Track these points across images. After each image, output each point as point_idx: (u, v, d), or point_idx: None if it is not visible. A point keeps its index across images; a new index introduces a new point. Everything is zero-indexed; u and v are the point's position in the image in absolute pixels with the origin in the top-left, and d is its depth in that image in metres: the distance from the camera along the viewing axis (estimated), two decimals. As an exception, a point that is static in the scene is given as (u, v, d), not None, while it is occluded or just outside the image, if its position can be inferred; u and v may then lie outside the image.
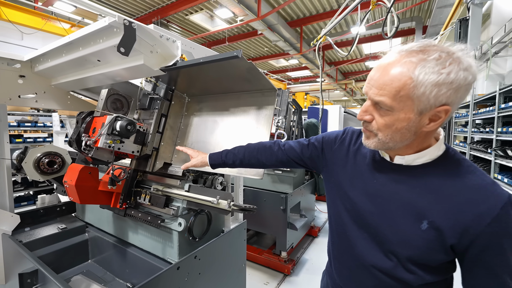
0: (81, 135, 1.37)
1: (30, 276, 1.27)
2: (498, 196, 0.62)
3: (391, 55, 0.65)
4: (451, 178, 0.67)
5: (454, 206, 0.64)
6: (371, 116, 0.69)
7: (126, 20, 1.02)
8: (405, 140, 0.67)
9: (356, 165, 0.83)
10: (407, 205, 0.70)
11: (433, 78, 0.58)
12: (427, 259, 0.69)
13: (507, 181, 2.52)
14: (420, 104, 0.61)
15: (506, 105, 2.60)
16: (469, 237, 0.63)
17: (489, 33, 4.43)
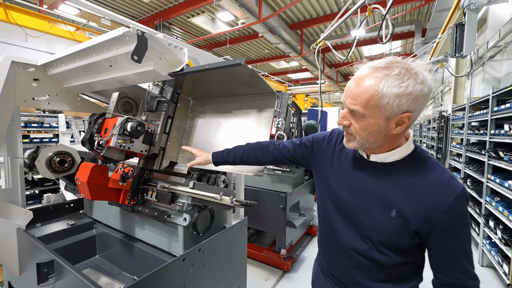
0: (94, 135, 1.46)
1: (46, 266, 1.36)
2: (454, 189, 0.74)
3: (363, 69, 0.77)
4: (416, 173, 0.79)
5: (418, 197, 0.76)
6: (349, 121, 0.81)
7: (139, 30, 1.12)
8: (378, 141, 0.79)
9: (340, 162, 0.95)
10: (379, 196, 0.82)
11: (394, 91, 0.70)
12: (396, 243, 0.81)
13: (499, 181, 2.61)
14: (386, 112, 0.73)
15: (499, 108, 2.69)
16: (429, 223, 0.75)
17: (485, 37, 4.52)
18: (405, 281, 0.87)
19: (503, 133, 2.58)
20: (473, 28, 3.67)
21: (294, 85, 16.77)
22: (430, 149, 7.48)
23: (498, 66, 4.24)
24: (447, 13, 5.61)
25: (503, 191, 2.49)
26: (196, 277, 1.53)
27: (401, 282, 0.86)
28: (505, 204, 2.54)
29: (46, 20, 5.10)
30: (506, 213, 2.40)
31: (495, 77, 4.27)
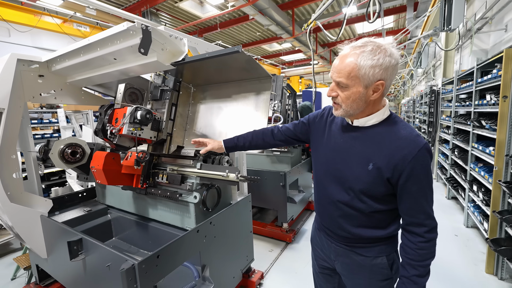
0: (106, 125, 1.58)
1: (76, 244, 1.53)
2: (418, 143, 0.91)
3: (346, 49, 0.94)
4: (389, 133, 0.96)
5: (389, 151, 0.93)
6: (336, 93, 0.97)
7: (143, 24, 1.21)
8: (360, 107, 0.96)
9: (330, 131, 1.12)
10: (359, 154, 0.99)
11: (369, 63, 0.87)
12: (373, 191, 0.98)
13: (481, 149, 2.80)
14: (364, 81, 0.90)
15: (482, 80, 2.82)
16: (398, 172, 0.92)
17: (473, 10, 4.57)
18: (384, 228, 1.03)
19: (485, 103, 2.74)
20: (461, 0, 3.72)
21: (288, 67, 16.61)
22: (423, 124, 7.68)
23: (486, 37, 4.32)
24: (437, -15, 5.58)
25: (485, 157, 2.69)
26: (209, 246, 1.72)
27: (380, 229, 1.03)
28: (486, 169, 2.75)
29: (31, 13, 4.98)
30: (486, 176, 2.61)
31: (483, 49, 4.37)
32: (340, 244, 1.13)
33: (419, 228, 0.96)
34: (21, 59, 1.76)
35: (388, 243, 1.07)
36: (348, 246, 1.11)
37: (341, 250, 1.13)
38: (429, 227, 0.95)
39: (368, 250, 1.07)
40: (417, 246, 0.95)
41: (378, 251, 1.06)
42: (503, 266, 2.28)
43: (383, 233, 1.04)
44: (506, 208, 2.24)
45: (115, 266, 1.37)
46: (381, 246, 1.06)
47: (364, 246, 1.08)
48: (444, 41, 5.49)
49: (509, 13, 3.51)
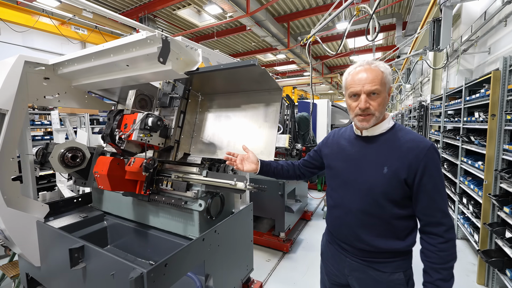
0: (114, 130, 1.58)
1: (77, 251, 1.49)
2: (426, 143, 1.00)
3: (363, 65, 1.04)
4: (397, 138, 1.05)
5: (401, 153, 1.01)
6: (369, 103, 1.02)
7: (164, 35, 1.24)
8: (384, 112, 1.06)
9: (340, 146, 1.20)
10: (373, 160, 1.06)
11: (388, 71, 1.03)
12: (391, 193, 1.01)
13: (470, 163, 2.94)
14: (387, 86, 1.03)
15: (470, 98, 3.00)
16: (413, 171, 0.98)
17: (459, 32, 4.88)
18: (403, 239, 1.05)
19: (474, 120, 2.91)
20: (449, 24, 3.97)
21: (281, 77, 16.93)
22: (411, 137, 7.94)
23: (471, 58, 4.61)
24: (425, 7, 5.93)
25: (474, 171, 2.83)
26: (213, 255, 1.71)
27: (399, 240, 1.05)
28: (475, 182, 2.88)
29: (28, 14, 4.91)
30: (476, 189, 2.74)
31: (468, 68, 4.65)
32: (355, 259, 1.13)
33: (437, 227, 0.98)
34: (28, 61, 1.74)
35: (405, 259, 1.08)
36: (365, 261, 1.11)
37: (356, 265, 1.13)
38: (447, 226, 0.97)
39: (385, 266, 1.07)
40: (437, 248, 0.97)
41: (395, 266, 1.07)
42: (494, 277, 2.37)
43: (402, 245, 1.05)
44: (496, 220, 2.35)
45: (120, 275, 1.35)
46: (399, 261, 1.07)
47: (382, 262, 1.08)
48: (433, 60, 5.80)
49: (492, 37, 3.78)
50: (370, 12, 2.33)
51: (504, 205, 2.17)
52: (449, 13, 3.93)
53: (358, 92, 1.02)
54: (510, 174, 2.09)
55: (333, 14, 3.11)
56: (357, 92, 1.02)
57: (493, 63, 3.78)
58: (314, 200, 4.85)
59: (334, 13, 3.10)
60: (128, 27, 7.95)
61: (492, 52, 3.80)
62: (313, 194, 5.13)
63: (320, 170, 1.40)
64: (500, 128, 2.30)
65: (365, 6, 2.52)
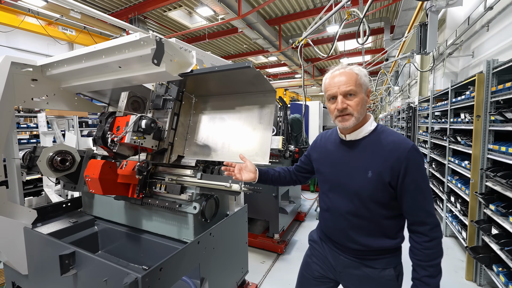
0: (106, 133, 1.55)
1: (68, 258, 1.44)
2: (407, 145, 1.03)
3: (340, 69, 1.09)
4: (380, 141, 1.08)
5: (384, 156, 1.04)
6: (346, 104, 1.06)
7: (158, 36, 1.23)
8: (363, 113, 1.09)
9: (327, 150, 1.24)
10: (358, 164, 1.09)
11: (363, 73, 1.07)
12: (377, 196, 1.05)
13: (457, 162, 3.04)
14: (364, 87, 1.07)
15: (456, 99, 3.11)
16: (395, 173, 1.01)
17: (444, 36, 5.05)
18: (393, 238, 1.10)
19: (460, 121, 3.01)
20: (435, 28, 4.11)
21: (273, 79, 17.03)
22: (400, 138, 8.13)
23: (456, 61, 4.78)
24: (412, 12, 6.12)
25: (461, 170, 2.92)
26: (208, 258, 1.69)
27: (389, 238, 1.10)
28: (462, 181, 2.98)
29: (13, 13, 4.76)
30: (463, 188, 2.83)
31: (453, 71, 4.81)
32: (349, 256, 1.17)
33: (422, 227, 1.02)
34: (15, 62, 1.69)
35: (395, 255, 1.13)
36: (358, 258, 1.15)
37: (349, 262, 1.17)
38: (431, 225, 1.01)
39: (377, 262, 1.12)
40: (423, 246, 1.02)
41: (386, 262, 1.12)
42: (481, 273, 2.44)
43: (391, 243, 1.10)
44: (483, 217, 2.43)
45: (114, 281, 1.31)
46: (389, 258, 1.12)
47: (373, 259, 1.13)
48: (420, 62, 5.97)
49: (475, 41, 3.94)
50: (360, 16, 2.38)
51: (490, 203, 2.25)
52: (434, 18, 4.07)
53: (335, 94, 1.06)
54: (495, 172, 2.17)
55: (324, 17, 3.17)
56: (334, 94, 1.06)
57: (477, 66, 3.92)
58: (307, 201, 4.89)
59: (325, 17, 3.16)
60: (117, 28, 7.83)
61: (476, 56, 3.95)
62: (306, 195, 5.17)
63: (312, 174, 1.44)
64: (485, 129, 2.38)
65: (355, 9, 2.58)
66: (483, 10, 3.25)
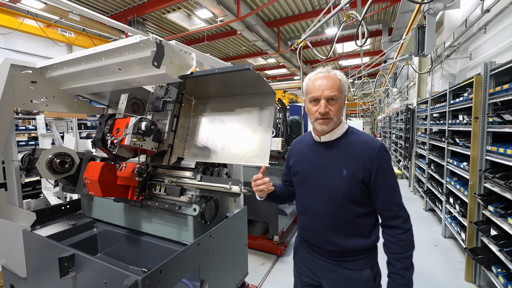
0: (106, 135, 1.55)
1: (67, 260, 1.44)
2: (376, 144, 1.09)
3: (323, 73, 1.11)
4: (352, 141, 1.13)
5: (357, 155, 1.09)
6: (328, 108, 1.08)
7: (158, 39, 1.24)
8: (340, 117, 1.13)
9: (302, 153, 1.26)
10: (333, 164, 1.13)
11: (344, 80, 1.11)
12: (352, 194, 1.09)
13: (456, 164, 3.05)
14: (344, 93, 1.11)
15: (454, 101, 3.13)
16: (368, 170, 1.07)
17: (442, 38, 5.09)
18: (368, 237, 1.13)
19: (458, 122, 3.03)
20: (432, 30, 4.14)
21: (272, 81, 17.07)
22: (399, 139, 8.17)
23: (453, 63, 4.81)
24: (410, 14, 6.16)
25: (459, 171, 2.94)
26: (208, 260, 1.69)
27: (364, 237, 1.13)
28: (461, 183, 2.99)
29: (12, 15, 4.76)
30: (462, 189, 2.84)
31: (451, 73, 4.85)
32: (326, 259, 1.19)
33: (396, 220, 1.08)
34: (14, 64, 1.69)
35: (371, 255, 1.16)
36: (335, 261, 1.17)
37: (327, 265, 1.18)
38: (403, 217, 1.08)
39: (354, 263, 1.14)
40: (398, 238, 1.06)
41: (362, 263, 1.14)
42: (481, 274, 2.45)
43: (367, 242, 1.13)
44: (481, 219, 2.44)
45: (113, 283, 1.31)
46: (366, 258, 1.14)
47: (350, 260, 1.14)
48: (418, 64, 6.00)
49: (473, 44, 3.97)
50: (359, 18, 2.40)
51: (488, 204, 2.26)
52: (432, 20, 4.10)
53: (318, 97, 1.08)
54: (493, 174, 2.19)
55: (323, 20, 3.18)
56: (317, 97, 1.08)
57: (474, 68, 3.96)
58: (307, 203, 4.88)
59: (323, 19, 3.18)
60: (116, 30, 7.85)
61: (473, 58, 3.98)
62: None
63: None
64: (483, 130, 2.40)
65: (354, 12, 2.60)
66: (480, 13, 3.28)
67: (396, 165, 8.67)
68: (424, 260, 2.99)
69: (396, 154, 9.07)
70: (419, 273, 2.74)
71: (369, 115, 24.15)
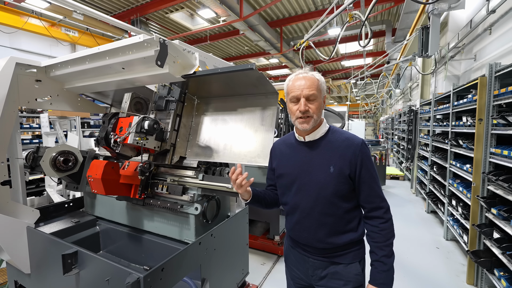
0: (109, 133, 1.56)
1: (70, 257, 1.45)
2: (358, 140, 1.15)
3: (302, 74, 1.14)
4: (335, 139, 1.17)
5: (342, 151, 1.13)
6: (308, 106, 1.11)
7: (162, 38, 1.25)
8: (320, 116, 1.16)
9: (285, 155, 1.27)
10: (319, 162, 1.16)
11: (322, 80, 1.15)
12: (340, 190, 1.12)
13: (459, 166, 3.03)
14: (322, 93, 1.15)
15: (458, 103, 3.11)
16: (353, 165, 1.12)
17: (446, 39, 5.05)
18: (355, 231, 1.18)
19: (462, 124, 3.01)
20: (437, 31, 4.12)
21: (274, 81, 17.06)
22: (401, 141, 8.13)
23: (457, 65, 4.78)
24: (414, 14, 6.13)
25: (462, 173, 2.92)
26: (209, 259, 1.69)
27: (352, 231, 1.17)
28: (464, 185, 2.97)
29: (17, 15, 4.80)
30: (465, 192, 2.82)
31: (455, 74, 4.81)
32: (317, 257, 1.21)
33: (378, 211, 1.14)
34: (19, 63, 1.71)
35: (359, 248, 1.21)
36: (326, 257, 1.19)
37: (319, 263, 1.21)
38: (385, 208, 1.14)
39: (344, 257, 1.18)
40: (379, 228, 1.12)
41: (352, 257, 1.18)
42: (483, 277, 2.43)
43: (355, 235, 1.17)
44: (484, 221, 2.42)
45: (116, 280, 1.32)
46: (355, 251, 1.19)
47: (340, 254, 1.18)
48: (421, 65, 5.97)
49: (478, 45, 3.94)
50: (362, 19, 2.39)
51: (491, 207, 2.25)
52: (436, 20, 4.07)
53: (298, 96, 1.11)
54: (497, 176, 2.17)
55: (326, 20, 3.18)
56: (297, 96, 1.12)
57: (479, 70, 3.93)
58: (308, 203, 4.87)
59: (326, 19, 3.17)
60: (120, 30, 7.88)
61: (478, 59, 3.95)
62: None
63: None
64: (487, 132, 2.38)
65: (357, 12, 2.59)
66: (485, 14, 3.26)
67: (398, 167, 8.63)
68: (426, 262, 2.97)
69: (398, 155, 9.03)
70: (420, 275, 2.74)
71: (371, 116, 24.07)
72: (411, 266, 2.92)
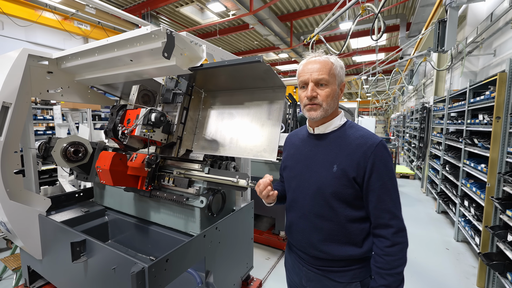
0: (117, 125, 1.58)
1: (79, 245, 1.49)
2: (375, 140, 0.97)
3: (314, 57, 1.02)
4: (348, 135, 1.02)
5: (350, 151, 0.97)
6: (316, 92, 0.99)
7: (169, 30, 1.24)
8: (334, 106, 1.02)
9: (294, 146, 1.17)
10: (324, 158, 1.02)
11: (339, 64, 1.01)
12: (342, 193, 0.97)
13: (473, 165, 2.93)
14: (338, 79, 1.01)
15: (475, 100, 2.98)
16: (362, 169, 0.95)
17: (464, 33, 4.84)
18: (359, 246, 0.99)
19: (478, 122, 2.89)
20: (454, 25, 3.94)
21: (283, 76, 16.90)
22: (413, 139, 7.93)
23: (475, 60, 4.58)
24: (430, 8, 5.89)
25: (476, 173, 2.82)
26: (214, 252, 1.71)
27: (355, 246, 0.98)
28: (478, 185, 2.87)
29: (32, 8, 4.90)
30: (478, 192, 2.73)
31: (472, 71, 4.62)
32: (311, 268, 1.08)
33: (385, 229, 0.93)
34: (32, 55, 1.74)
35: (363, 267, 1.01)
36: (320, 270, 1.05)
37: (312, 275, 1.07)
38: (395, 228, 0.92)
39: (341, 275, 1.01)
40: (383, 251, 0.92)
41: (352, 276, 1.01)
42: (494, 280, 2.36)
43: (358, 252, 0.99)
44: (498, 223, 2.34)
45: (121, 269, 1.35)
46: (355, 270, 1.01)
47: (337, 271, 1.02)
48: (436, 61, 5.76)
49: (498, 39, 3.75)
50: (375, 11, 2.32)
51: (507, 208, 2.16)
52: (454, 14, 3.89)
53: (306, 80, 1.00)
54: (513, 177, 2.08)
55: (337, 13, 3.09)
56: (306, 80, 1.00)
57: (498, 66, 3.75)
58: (315, 200, 4.84)
59: (338, 13, 3.09)
60: (131, 24, 7.94)
61: (498, 54, 3.77)
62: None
63: None
64: (505, 131, 2.28)
65: (371, 5, 2.51)
66: (508, 6, 3.09)
67: (409, 165, 8.44)
68: (434, 263, 2.91)
69: (409, 154, 8.82)
70: (428, 275, 2.68)
71: (382, 113, 23.55)
72: (419, 266, 2.86)
